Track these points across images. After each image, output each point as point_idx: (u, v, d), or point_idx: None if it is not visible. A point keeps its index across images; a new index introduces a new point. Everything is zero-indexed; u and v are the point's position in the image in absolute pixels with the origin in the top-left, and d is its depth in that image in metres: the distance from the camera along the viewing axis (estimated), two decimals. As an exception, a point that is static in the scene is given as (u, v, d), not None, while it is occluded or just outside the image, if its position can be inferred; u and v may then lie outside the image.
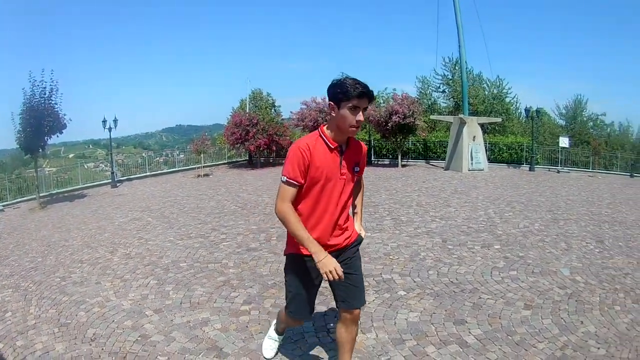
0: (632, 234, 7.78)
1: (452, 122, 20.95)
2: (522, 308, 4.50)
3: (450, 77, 33.90)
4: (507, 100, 33.79)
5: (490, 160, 21.24)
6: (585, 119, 37.07)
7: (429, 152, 23.59)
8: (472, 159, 18.71)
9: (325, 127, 2.58)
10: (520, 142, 22.74)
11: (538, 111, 23.79)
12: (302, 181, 2.48)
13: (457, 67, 31.99)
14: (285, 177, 2.46)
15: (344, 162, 2.58)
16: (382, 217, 9.13)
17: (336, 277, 2.36)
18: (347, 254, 2.73)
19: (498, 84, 33.59)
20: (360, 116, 2.44)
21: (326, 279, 2.41)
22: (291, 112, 23.49)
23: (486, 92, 33.27)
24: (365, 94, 2.41)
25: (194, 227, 8.50)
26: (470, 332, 3.93)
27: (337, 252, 2.63)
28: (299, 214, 2.53)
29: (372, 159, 23.30)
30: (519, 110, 33.65)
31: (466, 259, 6.22)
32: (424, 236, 7.49)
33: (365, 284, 3.61)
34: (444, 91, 34.47)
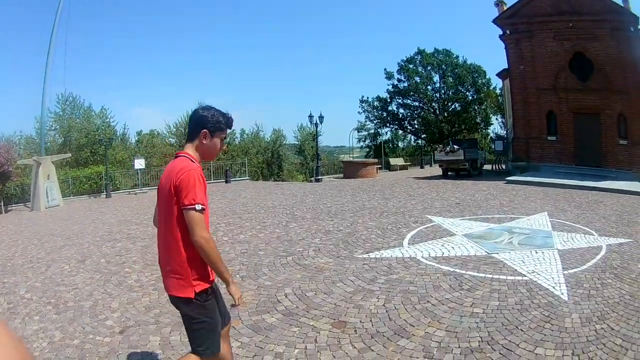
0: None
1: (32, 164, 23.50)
2: None
3: (61, 114, 36.67)
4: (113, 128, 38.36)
5: (73, 194, 24.91)
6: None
7: (27, 195, 25.64)
8: (47, 197, 21.63)
9: (188, 153, 3.08)
10: (100, 172, 26.42)
11: (110, 139, 30.21)
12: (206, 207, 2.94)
13: (67, 103, 36.79)
14: (200, 205, 2.84)
15: None
16: None
17: (243, 301, 3.11)
18: None
19: (102, 114, 37.96)
20: (223, 144, 3.23)
21: (238, 303, 3.05)
22: None
23: (93, 125, 36.39)
24: (232, 126, 3.26)
25: None
26: None
27: None
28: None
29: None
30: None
31: None
32: None
33: None
34: (56, 129, 36.39)
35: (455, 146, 27.15)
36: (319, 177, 28.28)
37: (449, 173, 27.41)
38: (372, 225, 11.17)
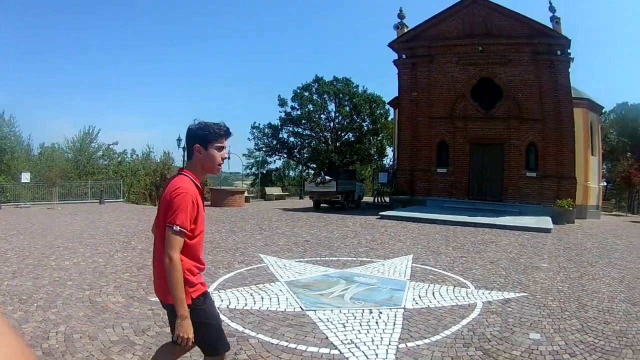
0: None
1: None
2: None
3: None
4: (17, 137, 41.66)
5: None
6: (93, 149, 45.45)
7: None
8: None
9: (188, 171, 3.37)
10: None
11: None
12: (189, 230, 3.17)
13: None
14: (178, 227, 3.08)
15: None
16: None
17: (189, 344, 3.18)
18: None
19: (10, 122, 40.39)
20: (224, 154, 3.41)
21: (179, 341, 3.14)
22: None
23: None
24: (228, 134, 3.40)
25: None
26: None
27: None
28: (192, 262, 3.28)
29: None
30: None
31: None
32: None
33: None
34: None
35: (327, 177, 26.09)
36: (183, 205, 26.50)
37: (322, 205, 26.56)
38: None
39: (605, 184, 38.26)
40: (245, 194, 32.13)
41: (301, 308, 6.93)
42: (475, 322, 6.32)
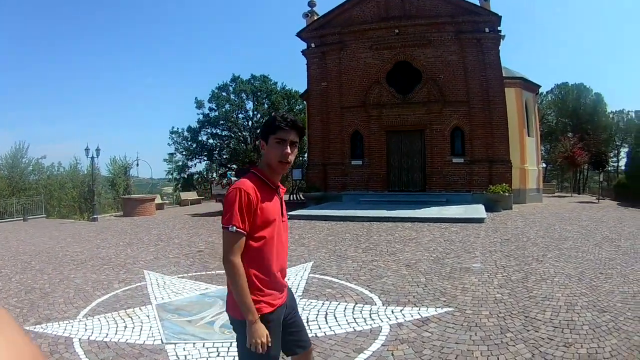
0: None
1: None
2: None
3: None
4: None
5: None
6: (24, 165, 42.93)
7: None
8: None
9: (257, 168, 3.06)
10: None
11: None
12: (247, 229, 2.82)
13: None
14: (234, 227, 2.76)
15: (283, 205, 3.11)
16: None
17: (264, 349, 2.75)
18: (291, 298, 3.25)
19: None
20: (288, 149, 2.92)
21: (252, 348, 2.77)
22: None
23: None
24: (291, 126, 2.94)
25: None
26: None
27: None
28: (257, 268, 2.88)
29: None
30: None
31: None
32: None
33: None
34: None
35: (234, 178, 24.76)
36: (95, 217, 25.49)
37: None
38: (67, 284, 9.23)
39: (544, 165, 37.71)
40: (157, 200, 30.73)
41: (161, 340, 5.93)
42: (376, 357, 4.86)
